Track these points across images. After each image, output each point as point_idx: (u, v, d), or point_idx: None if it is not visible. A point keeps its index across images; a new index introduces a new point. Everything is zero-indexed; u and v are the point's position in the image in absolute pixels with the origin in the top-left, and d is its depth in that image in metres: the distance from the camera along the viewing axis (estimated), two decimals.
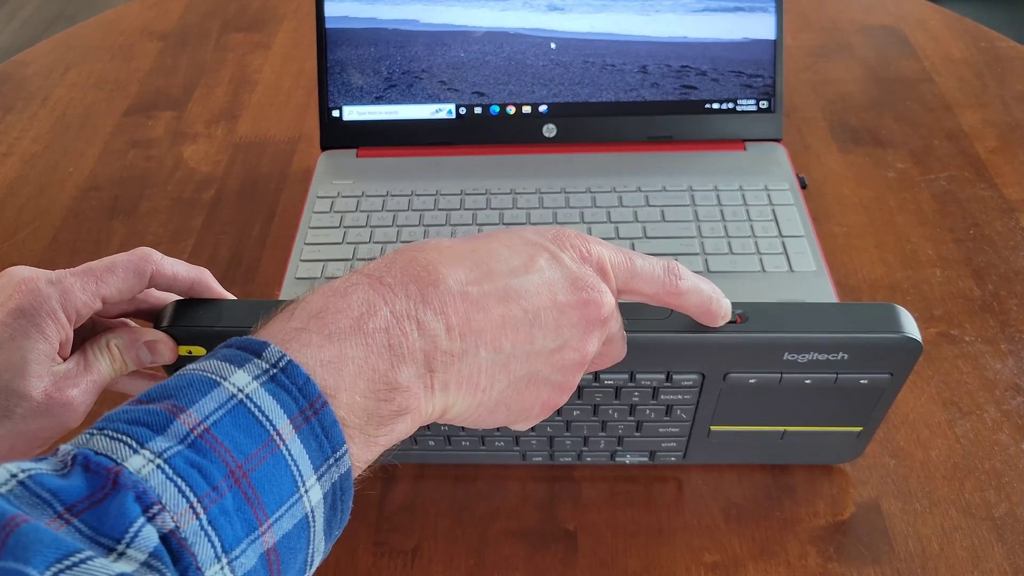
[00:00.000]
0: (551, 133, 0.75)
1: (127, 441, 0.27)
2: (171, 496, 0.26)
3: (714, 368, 0.46)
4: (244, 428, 0.28)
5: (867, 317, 0.43)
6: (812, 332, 0.43)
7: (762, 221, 0.68)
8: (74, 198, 0.77)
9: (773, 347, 0.44)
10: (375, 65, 0.74)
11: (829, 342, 0.43)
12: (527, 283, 0.35)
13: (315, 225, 0.69)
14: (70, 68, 0.95)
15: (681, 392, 0.48)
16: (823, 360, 0.44)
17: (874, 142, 0.80)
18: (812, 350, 0.43)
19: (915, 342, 0.43)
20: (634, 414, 0.50)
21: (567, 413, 0.50)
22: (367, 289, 0.33)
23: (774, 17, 0.73)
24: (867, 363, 0.45)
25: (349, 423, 0.31)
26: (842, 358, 0.44)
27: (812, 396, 0.47)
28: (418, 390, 0.32)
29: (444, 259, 0.34)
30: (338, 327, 0.31)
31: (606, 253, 0.37)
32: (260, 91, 0.90)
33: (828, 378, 0.45)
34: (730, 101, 0.74)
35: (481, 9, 0.73)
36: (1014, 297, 0.65)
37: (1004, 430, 0.56)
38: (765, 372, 0.45)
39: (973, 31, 0.95)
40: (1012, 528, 0.51)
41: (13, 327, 0.38)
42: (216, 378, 0.29)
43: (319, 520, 0.30)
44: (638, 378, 0.47)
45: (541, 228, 0.38)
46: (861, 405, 0.48)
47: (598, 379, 0.47)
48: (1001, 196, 0.74)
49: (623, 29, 0.73)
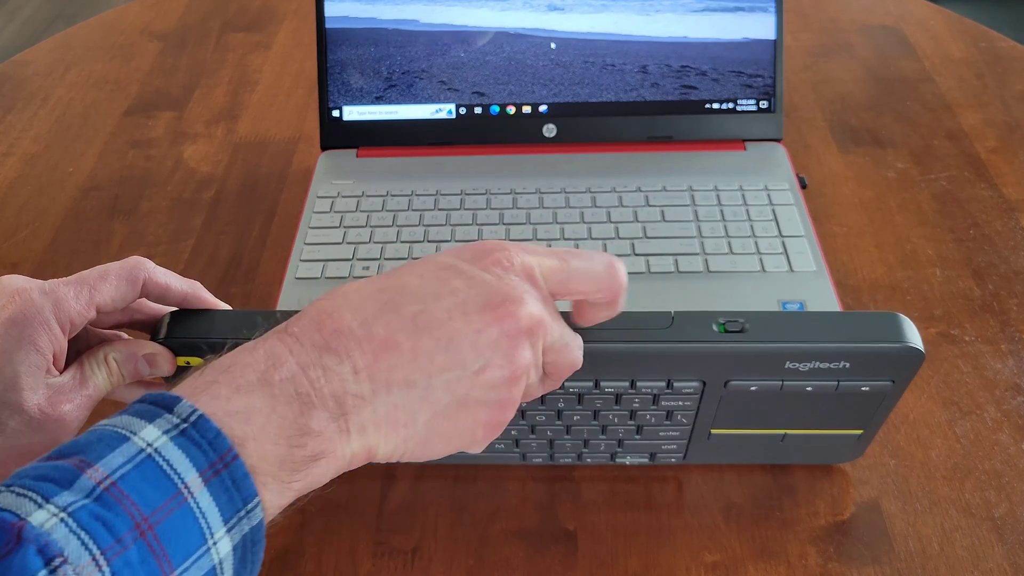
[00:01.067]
0: (551, 133, 0.75)
1: (32, 496, 0.27)
2: (74, 549, 0.26)
3: (715, 376, 0.46)
4: (152, 481, 0.29)
5: (869, 326, 0.43)
6: (813, 342, 0.43)
7: (762, 221, 0.68)
8: (74, 198, 0.77)
9: (774, 357, 0.44)
10: (375, 65, 0.74)
11: (830, 352, 0.43)
12: (437, 310, 0.35)
13: (315, 225, 0.69)
14: (70, 68, 0.95)
15: (682, 399, 0.48)
16: (824, 368, 0.44)
17: (874, 142, 0.80)
18: (813, 359, 0.43)
19: (917, 351, 0.43)
20: (634, 419, 0.50)
21: (567, 418, 0.50)
22: (274, 342, 0.33)
23: (774, 17, 0.73)
24: (869, 371, 0.44)
25: (261, 470, 0.31)
26: (843, 366, 0.44)
27: (813, 401, 0.47)
28: (332, 434, 0.33)
29: (349, 303, 0.35)
30: (246, 379, 0.32)
31: (533, 260, 0.37)
32: (260, 91, 0.90)
33: (830, 385, 0.45)
34: (730, 101, 0.74)
35: (481, 9, 0.73)
36: (1014, 297, 0.65)
37: (1004, 430, 0.56)
38: (766, 380, 0.45)
39: (973, 31, 0.95)
40: (1012, 528, 0.51)
41: (5, 338, 0.38)
42: (126, 432, 0.30)
43: (228, 571, 0.30)
44: (639, 385, 0.47)
45: (461, 248, 0.38)
46: (862, 410, 0.48)
47: (599, 386, 0.47)
48: (1001, 196, 0.74)
49: (623, 29, 0.73)
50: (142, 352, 0.43)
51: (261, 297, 0.66)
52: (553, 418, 0.50)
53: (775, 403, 0.47)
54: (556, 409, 0.50)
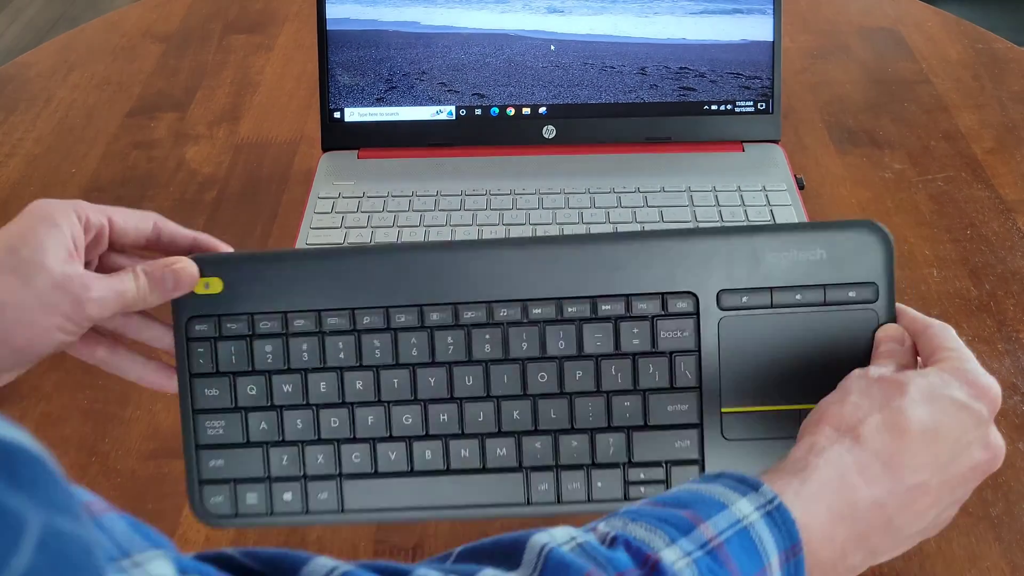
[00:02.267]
0: (551, 134, 0.75)
1: (660, 535, 0.33)
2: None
3: (703, 286, 0.45)
4: (747, 551, 0.33)
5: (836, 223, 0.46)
6: (783, 229, 0.47)
7: (760, 221, 0.69)
8: (76, 199, 0.78)
9: (751, 246, 0.45)
10: (376, 67, 0.74)
11: (801, 236, 0.45)
12: None
13: (316, 226, 0.70)
14: (73, 70, 0.95)
15: (679, 326, 0.45)
16: (803, 262, 0.45)
17: (871, 143, 0.81)
18: (788, 246, 0.45)
19: (879, 227, 0.45)
20: (638, 381, 0.46)
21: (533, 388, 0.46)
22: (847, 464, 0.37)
23: (772, 19, 0.73)
24: (846, 265, 0.45)
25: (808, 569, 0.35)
26: (820, 256, 0.45)
27: (814, 350, 0.46)
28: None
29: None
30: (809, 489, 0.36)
31: None
32: (262, 92, 0.90)
33: (819, 310, 0.45)
34: (728, 102, 0.74)
35: (481, 11, 0.74)
36: (1011, 297, 0.66)
37: (1001, 429, 0.56)
38: (754, 288, 0.45)
39: (970, 32, 0.96)
40: (1009, 527, 0.52)
41: (30, 217, 0.42)
42: (724, 501, 0.34)
43: None
44: (635, 306, 0.45)
45: None
46: (864, 357, 0.45)
47: (596, 310, 0.46)
48: (998, 197, 0.74)
49: (622, 31, 0.74)
50: (171, 264, 0.44)
51: None
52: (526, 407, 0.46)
53: (778, 354, 0.46)
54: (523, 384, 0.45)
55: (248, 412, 0.46)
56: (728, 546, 0.32)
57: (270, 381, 0.46)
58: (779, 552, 0.33)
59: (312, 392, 0.46)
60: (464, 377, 0.45)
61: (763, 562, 0.33)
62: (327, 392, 0.46)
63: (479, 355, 0.45)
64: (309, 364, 0.46)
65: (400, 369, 0.46)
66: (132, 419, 0.59)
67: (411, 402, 0.46)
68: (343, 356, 0.46)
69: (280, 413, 0.46)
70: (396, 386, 0.46)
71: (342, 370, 0.46)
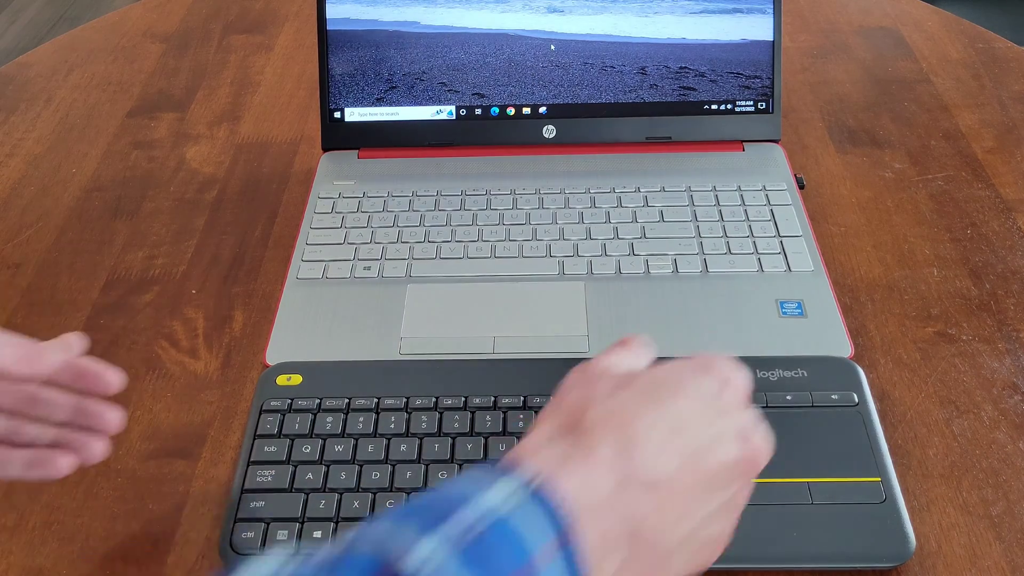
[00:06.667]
0: (551, 134, 0.75)
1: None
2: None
3: None
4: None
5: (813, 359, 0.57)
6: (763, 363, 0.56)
7: (760, 221, 0.69)
8: (77, 199, 0.78)
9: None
10: (376, 67, 0.74)
11: (780, 360, 0.57)
12: None
13: (317, 226, 0.70)
14: (73, 70, 0.95)
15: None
16: (789, 378, 0.55)
17: (872, 142, 0.81)
18: (774, 366, 0.56)
19: (843, 360, 0.55)
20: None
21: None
22: None
23: (772, 18, 0.73)
24: (824, 379, 0.55)
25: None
26: (802, 375, 0.56)
27: (806, 426, 0.53)
28: None
29: None
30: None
31: None
32: (262, 92, 0.90)
33: (804, 396, 0.55)
34: (728, 102, 0.74)
35: (481, 11, 0.74)
36: (1011, 296, 0.66)
37: (1001, 428, 0.57)
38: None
39: (970, 32, 0.96)
40: (1009, 526, 0.52)
41: None
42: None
43: None
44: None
45: None
46: (855, 442, 0.53)
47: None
48: (998, 196, 0.74)
49: (622, 31, 0.74)
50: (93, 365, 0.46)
51: (263, 297, 0.67)
52: None
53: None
54: None
55: (298, 465, 0.53)
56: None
57: (324, 443, 0.54)
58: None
59: (360, 452, 0.53)
60: (465, 444, 0.54)
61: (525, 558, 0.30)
62: (373, 452, 0.53)
63: (480, 429, 0.55)
64: (362, 431, 0.54)
65: (443, 438, 0.54)
66: (132, 419, 0.59)
67: (447, 462, 0.53)
68: (393, 427, 0.54)
69: (327, 467, 0.53)
70: (436, 450, 0.53)
71: (389, 437, 0.54)
